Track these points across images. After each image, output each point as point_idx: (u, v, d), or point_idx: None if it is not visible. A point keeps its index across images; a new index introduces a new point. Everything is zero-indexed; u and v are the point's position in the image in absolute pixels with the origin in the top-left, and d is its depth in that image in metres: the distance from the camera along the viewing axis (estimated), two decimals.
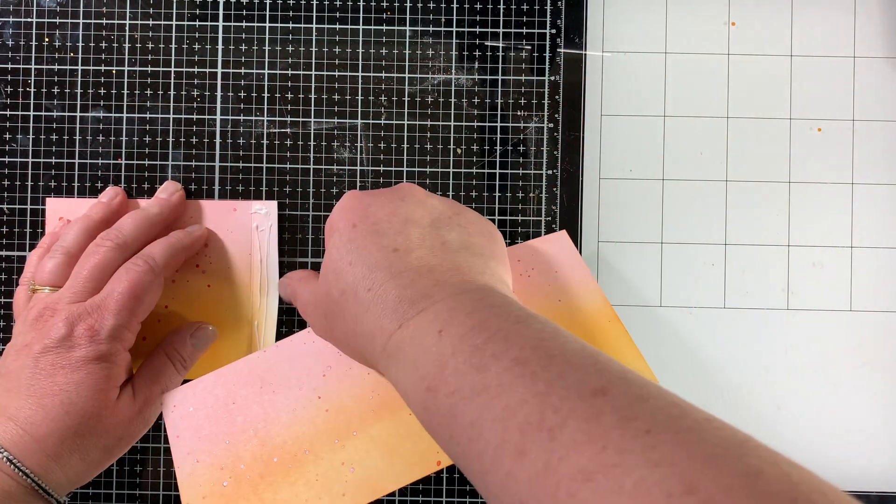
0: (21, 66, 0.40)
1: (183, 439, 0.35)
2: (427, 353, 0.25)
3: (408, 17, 0.41)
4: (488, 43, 0.41)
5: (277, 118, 0.41)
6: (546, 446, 0.20)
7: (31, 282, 0.36)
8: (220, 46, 0.41)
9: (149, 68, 0.40)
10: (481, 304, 0.26)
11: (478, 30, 0.41)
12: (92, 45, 0.40)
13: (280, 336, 0.40)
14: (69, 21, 0.40)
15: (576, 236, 0.41)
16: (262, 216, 0.40)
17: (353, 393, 0.35)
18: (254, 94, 0.41)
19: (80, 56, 0.40)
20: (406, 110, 0.41)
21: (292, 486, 0.34)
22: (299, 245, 0.40)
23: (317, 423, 0.35)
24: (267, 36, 0.41)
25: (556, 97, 0.41)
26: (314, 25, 0.41)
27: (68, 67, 0.40)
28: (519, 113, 0.41)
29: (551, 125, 0.41)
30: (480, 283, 0.28)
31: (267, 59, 0.41)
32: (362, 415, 0.35)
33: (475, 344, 0.24)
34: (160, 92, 0.40)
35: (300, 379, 0.36)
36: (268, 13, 0.41)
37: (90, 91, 0.40)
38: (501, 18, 0.41)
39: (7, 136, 0.40)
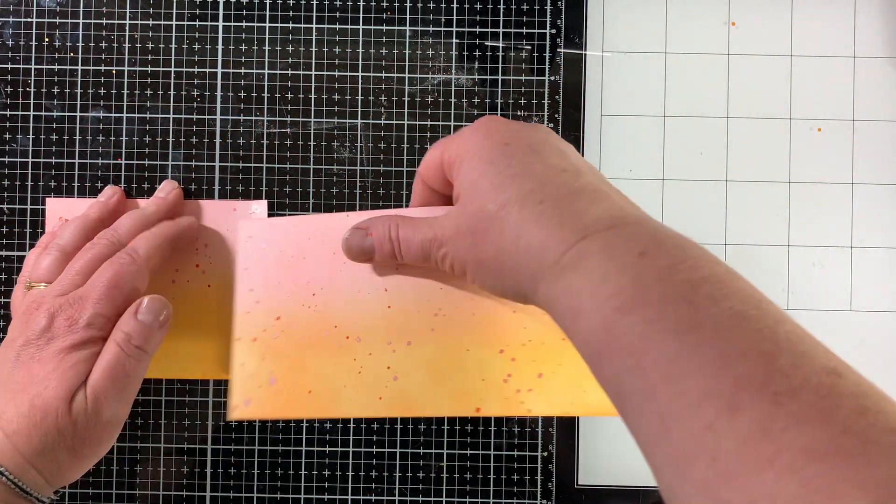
0: (21, 66, 0.40)
1: (249, 274, 0.34)
2: (624, 271, 0.22)
3: (408, 17, 0.41)
4: (488, 43, 0.41)
5: (277, 118, 0.41)
6: (767, 409, 0.18)
7: (27, 280, 0.36)
8: (220, 46, 0.41)
9: (149, 68, 0.40)
10: (686, 241, 0.23)
11: (478, 30, 0.41)
12: (92, 45, 0.40)
13: None
14: (69, 21, 0.40)
15: None
16: (257, 216, 0.40)
17: (420, 302, 0.34)
18: (254, 94, 0.41)
19: (80, 56, 0.40)
20: (406, 110, 0.41)
21: (336, 366, 0.33)
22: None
23: (375, 316, 0.34)
24: (267, 36, 0.41)
25: (556, 97, 0.41)
26: (314, 25, 0.41)
27: (68, 67, 0.40)
28: (519, 113, 0.41)
29: (551, 125, 0.41)
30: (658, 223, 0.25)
31: (267, 59, 0.41)
32: (421, 328, 0.34)
33: (689, 279, 0.21)
34: (160, 92, 0.40)
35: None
36: (268, 13, 0.41)
37: (90, 91, 0.40)
38: (501, 18, 0.41)
39: (7, 136, 0.40)
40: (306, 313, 0.34)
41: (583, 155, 0.41)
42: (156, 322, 0.34)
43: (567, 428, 0.41)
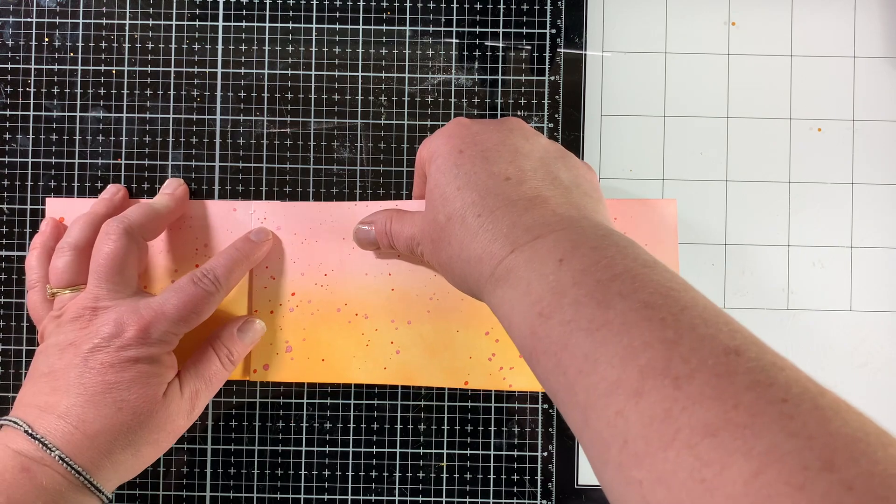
0: (21, 66, 0.40)
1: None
2: (544, 279, 0.24)
3: (408, 17, 0.41)
4: (488, 43, 0.41)
5: (277, 118, 0.41)
6: (668, 393, 0.19)
7: (43, 284, 0.36)
8: (220, 46, 0.41)
9: (149, 68, 0.40)
10: (606, 240, 0.25)
11: (478, 30, 0.41)
12: (92, 45, 0.40)
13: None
14: (69, 21, 0.40)
15: None
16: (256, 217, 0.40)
17: (418, 286, 0.38)
18: (254, 94, 0.41)
19: (80, 56, 0.40)
20: (406, 110, 0.41)
21: (346, 339, 0.38)
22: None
23: (380, 297, 0.38)
24: (267, 36, 0.41)
25: (556, 97, 0.41)
26: (314, 25, 0.41)
27: (68, 67, 0.40)
28: (519, 113, 0.41)
29: (551, 125, 0.41)
30: (596, 220, 0.27)
31: (267, 59, 0.41)
32: (419, 310, 0.38)
33: (600, 279, 0.23)
34: (160, 92, 0.40)
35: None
36: (268, 13, 0.41)
37: (90, 91, 0.40)
38: (501, 18, 0.41)
39: (7, 136, 0.40)
40: (319, 291, 0.39)
41: (582, 155, 0.41)
42: (253, 344, 0.38)
43: (567, 428, 0.41)
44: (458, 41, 0.41)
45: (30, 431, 0.30)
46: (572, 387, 0.22)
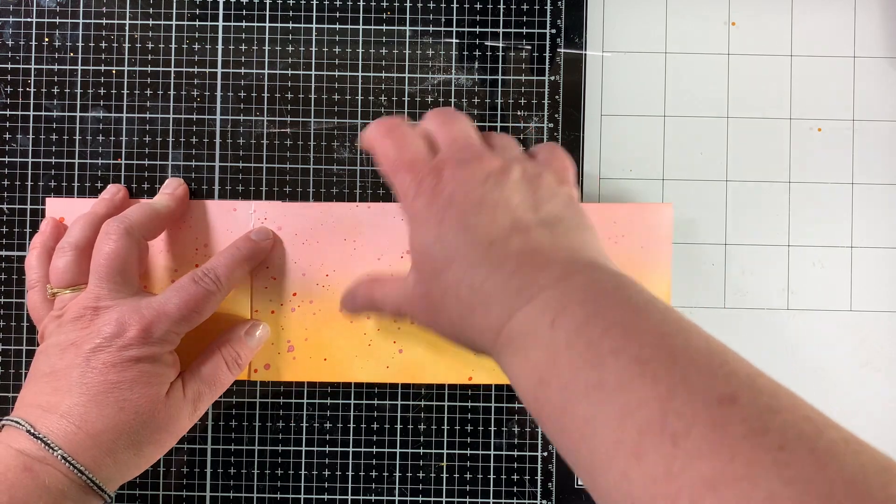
0: (21, 66, 0.40)
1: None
2: (539, 344, 0.25)
3: (408, 17, 0.41)
4: (488, 43, 0.41)
5: (277, 118, 0.41)
6: (667, 451, 0.20)
7: (43, 284, 0.36)
8: (220, 46, 0.41)
9: (149, 68, 0.40)
10: (593, 288, 0.25)
11: (478, 30, 0.41)
12: (92, 45, 0.40)
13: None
14: (69, 21, 0.40)
15: None
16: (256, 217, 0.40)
17: None
18: (254, 94, 0.41)
19: (80, 56, 0.40)
20: (406, 110, 0.41)
21: (348, 339, 0.39)
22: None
23: None
24: (267, 36, 0.41)
25: (556, 97, 0.41)
26: (314, 25, 0.41)
27: (68, 67, 0.40)
28: (519, 113, 0.41)
29: (551, 125, 0.41)
30: (586, 260, 0.27)
31: (267, 59, 0.41)
32: None
33: (591, 338, 0.23)
34: (160, 92, 0.40)
35: (380, 248, 0.39)
36: (268, 13, 0.41)
37: (90, 91, 0.40)
38: (501, 18, 0.41)
39: (7, 136, 0.40)
40: (320, 291, 0.39)
41: (582, 155, 0.41)
42: (259, 347, 0.38)
43: None
44: (458, 41, 0.41)
45: (32, 431, 0.30)
46: (577, 450, 0.23)
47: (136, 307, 0.33)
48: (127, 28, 0.40)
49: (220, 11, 0.41)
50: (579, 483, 0.41)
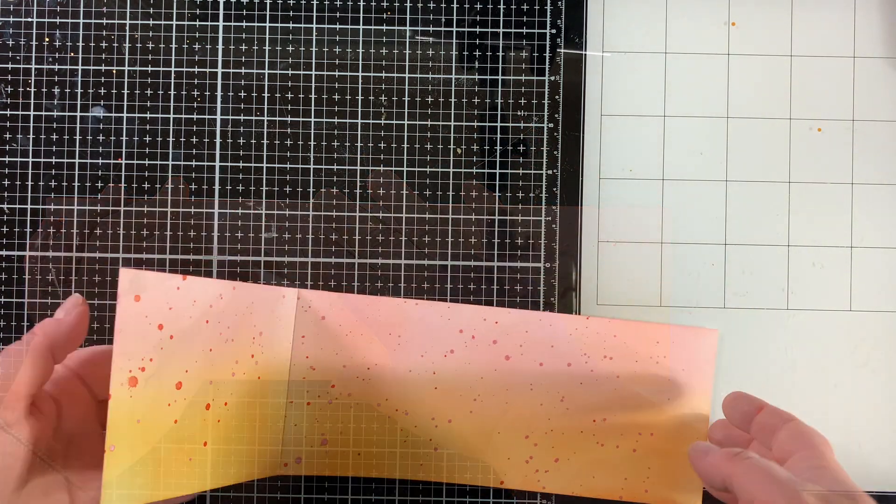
0: (21, 66, 0.40)
1: (306, 342, 0.38)
2: None
3: (408, 17, 0.41)
4: (488, 43, 0.41)
5: (277, 118, 0.41)
6: None
7: None
8: (220, 46, 0.41)
9: (149, 68, 0.40)
10: None
11: (478, 30, 0.41)
12: (92, 45, 0.40)
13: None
14: (69, 21, 0.40)
15: (575, 236, 0.41)
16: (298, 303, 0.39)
17: (464, 387, 0.38)
18: (254, 94, 0.41)
19: (80, 56, 0.40)
20: (406, 110, 0.41)
21: (384, 434, 0.38)
22: (300, 245, 0.40)
23: (422, 394, 0.38)
24: (267, 36, 0.41)
25: (556, 97, 0.41)
26: (314, 25, 0.41)
27: (68, 67, 0.40)
28: (519, 113, 0.41)
29: (551, 125, 0.41)
30: None
31: (267, 59, 0.41)
32: (462, 409, 0.38)
33: None
34: (160, 92, 0.41)
35: (425, 346, 0.38)
36: (268, 13, 0.41)
37: (90, 91, 0.40)
38: (501, 18, 0.41)
39: (7, 136, 0.40)
40: (359, 385, 0.38)
41: (582, 155, 0.41)
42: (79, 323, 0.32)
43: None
44: (458, 41, 0.41)
45: None
46: None
47: None
48: (127, 28, 0.40)
49: (221, 11, 0.41)
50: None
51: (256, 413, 0.37)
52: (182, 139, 0.40)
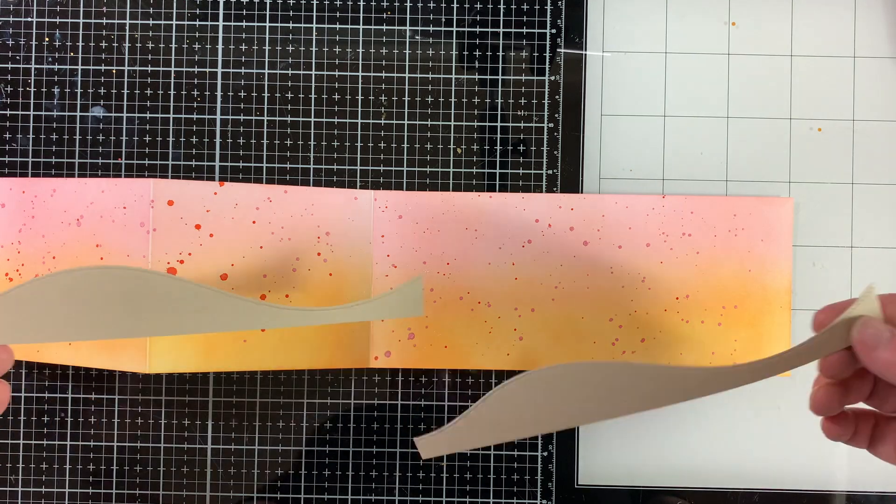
0: (21, 66, 0.40)
1: (387, 241, 0.39)
2: None
3: (408, 17, 0.41)
4: (488, 43, 0.41)
5: (277, 118, 0.41)
6: None
7: None
8: (220, 46, 0.41)
9: (149, 68, 0.41)
10: None
11: (478, 30, 0.41)
12: (92, 45, 0.40)
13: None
14: (69, 21, 0.40)
15: None
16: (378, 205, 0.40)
17: (544, 276, 0.39)
18: (254, 94, 0.41)
19: (80, 56, 0.40)
20: (406, 110, 0.41)
21: (468, 326, 0.39)
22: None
23: (503, 286, 0.39)
24: (267, 36, 0.41)
25: (556, 97, 0.41)
26: (314, 25, 0.41)
27: (68, 67, 0.40)
28: (519, 113, 0.41)
29: (551, 125, 0.41)
30: None
31: (267, 59, 0.41)
32: (544, 298, 0.39)
33: None
34: (160, 92, 0.41)
35: (503, 238, 0.39)
36: (268, 13, 0.41)
37: (90, 91, 0.40)
38: (501, 18, 0.41)
39: (7, 136, 0.40)
40: (441, 279, 0.39)
41: (582, 155, 0.41)
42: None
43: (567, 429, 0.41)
44: (458, 41, 0.41)
45: None
46: None
47: None
48: (127, 28, 0.40)
49: (220, 11, 0.41)
50: (579, 483, 0.41)
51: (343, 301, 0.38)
52: (182, 139, 0.40)
